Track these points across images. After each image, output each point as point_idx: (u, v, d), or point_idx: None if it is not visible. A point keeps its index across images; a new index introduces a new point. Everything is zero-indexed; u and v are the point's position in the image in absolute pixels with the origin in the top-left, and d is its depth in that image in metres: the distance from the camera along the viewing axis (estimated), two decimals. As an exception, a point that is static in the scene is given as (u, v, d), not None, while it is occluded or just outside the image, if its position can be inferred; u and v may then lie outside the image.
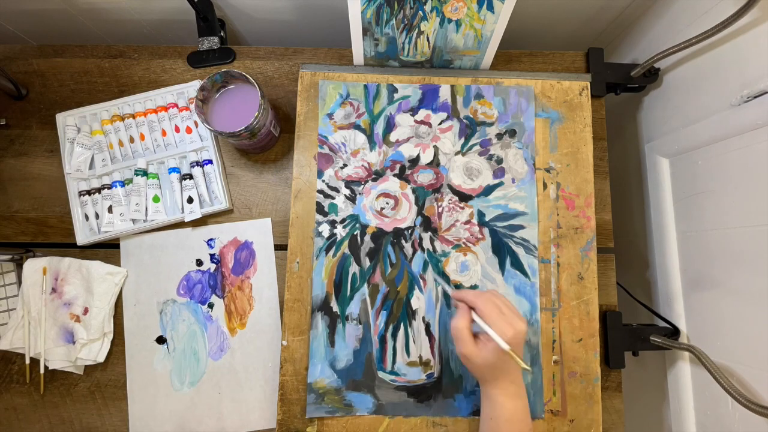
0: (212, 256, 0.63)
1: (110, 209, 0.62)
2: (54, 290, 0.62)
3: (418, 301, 0.58)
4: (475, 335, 0.48)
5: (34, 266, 0.62)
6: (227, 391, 0.60)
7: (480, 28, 0.57)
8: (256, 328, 0.62)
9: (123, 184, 0.63)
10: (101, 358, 0.60)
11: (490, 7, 0.54)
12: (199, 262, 0.63)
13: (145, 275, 0.63)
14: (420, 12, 0.55)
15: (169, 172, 0.63)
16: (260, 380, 0.61)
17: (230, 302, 0.62)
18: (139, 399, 0.61)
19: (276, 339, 0.61)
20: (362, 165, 0.60)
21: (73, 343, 0.60)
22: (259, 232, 0.63)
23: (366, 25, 0.57)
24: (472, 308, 0.48)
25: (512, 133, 0.61)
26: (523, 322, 0.46)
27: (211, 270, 0.63)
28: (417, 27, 0.57)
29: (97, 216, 0.63)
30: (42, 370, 0.60)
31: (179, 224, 0.63)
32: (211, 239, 0.63)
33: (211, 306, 0.62)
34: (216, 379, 0.61)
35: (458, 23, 0.56)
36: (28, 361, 0.61)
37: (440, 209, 0.59)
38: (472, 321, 0.48)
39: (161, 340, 0.61)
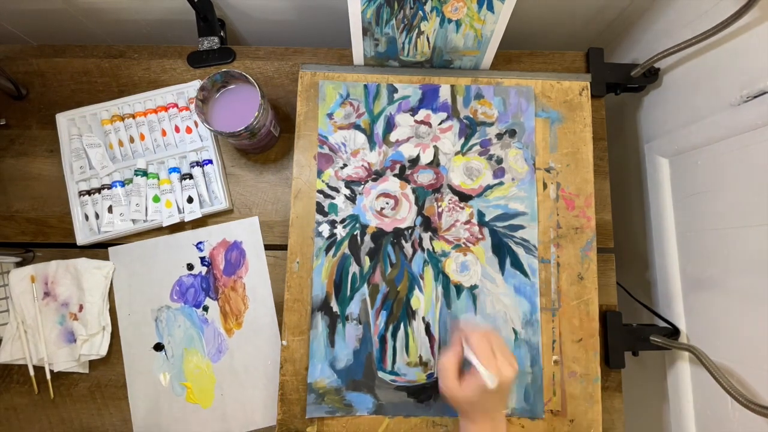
0: (202, 259, 0.63)
1: (110, 209, 0.62)
2: (47, 294, 0.62)
3: (418, 301, 0.58)
4: (461, 371, 0.46)
5: (19, 276, 0.61)
6: (229, 392, 0.60)
7: (480, 28, 0.57)
8: (253, 327, 0.62)
9: (123, 184, 0.63)
10: (103, 352, 0.60)
11: (490, 7, 0.54)
12: (190, 266, 0.63)
13: (137, 284, 0.63)
14: (420, 12, 0.55)
15: (170, 172, 0.63)
16: (262, 378, 0.61)
17: (224, 303, 0.62)
18: (143, 407, 0.60)
19: (274, 336, 0.61)
20: (362, 165, 0.60)
21: (75, 341, 0.60)
22: (247, 232, 0.63)
23: (366, 25, 0.57)
24: (465, 344, 0.47)
25: (512, 133, 0.61)
26: (513, 370, 0.44)
27: (203, 273, 0.63)
28: (417, 27, 0.57)
29: (97, 216, 0.63)
30: (48, 376, 0.60)
31: (167, 230, 0.63)
32: (200, 242, 0.63)
33: (206, 309, 0.62)
34: (217, 381, 0.61)
35: (458, 23, 0.56)
36: (32, 373, 0.60)
37: (440, 209, 0.59)
38: (463, 358, 0.47)
39: (159, 347, 0.61)
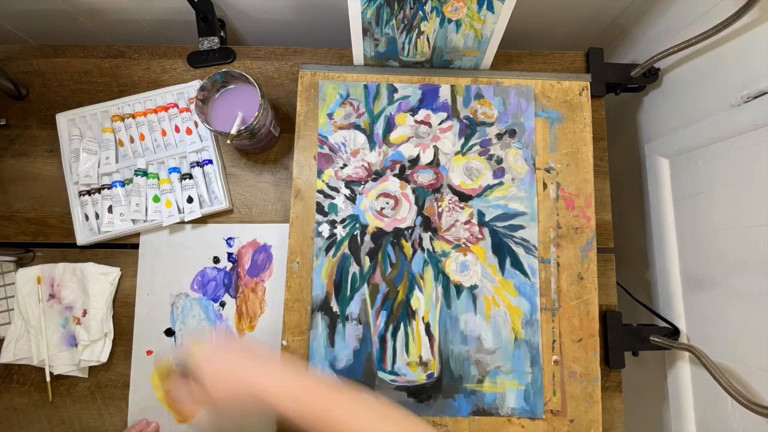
0: (230, 254, 0.63)
1: (110, 209, 0.62)
2: (52, 296, 0.62)
3: (418, 301, 0.58)
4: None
5: (26, 276, 0.61)
6: None
7: (480, 28, 0.57)
8: (265, 333, 0.61)
9: (123, 184, 0.63)
10: (104, 358, 0.60)
11: (490, 8, 0.54)
12: (216, 260, 0.62)
13: (161, 266, 0.62)
14: (420, 12, 0.55)
15: (170, 172, 0.63)
16: None
17: (242, 303, 0.62)
18: (140, 388, 0.60)
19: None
20: (362, 165, 0.60)
21: (76, 345, 0.60)
22: (278, 237, 0.63)
23: (366, 25, 0.57)
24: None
25: (512, 133, 0.61)
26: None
27: (227, 269, 0.62)
28: (417, 27, 0.57)
29: (97, 216, 0.63)
30: (48, 378, 0.60)
31: (200, 220, 0.63)
32: (230, 238, 0.63)
33: (222, 305, 0.62)
34: None
35: (458, 23, 0.56)
36: (48, 379, 0.60)
37: (440, 209, 0.59)
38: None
39: (170, 332, 0.61)
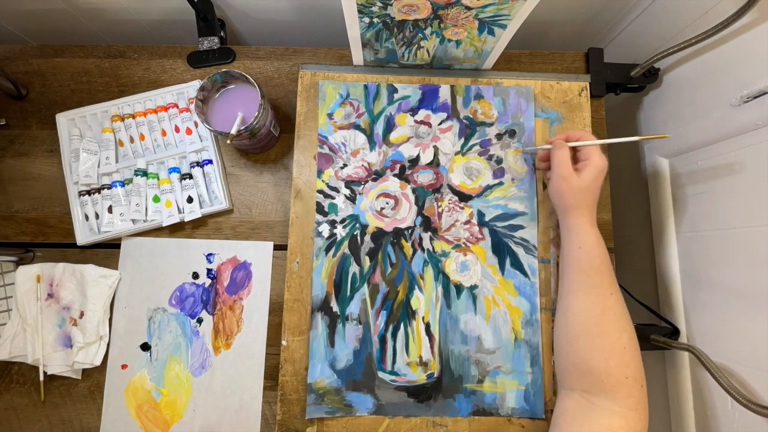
0: (209, 271, 0.62)
1: (110, 209, 0.62)
2: (51, 296, 0.62)
3: (418, 301, 0.58)
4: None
5: (26, 274, 0.61)
6: (202, 410, 0.59)
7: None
8: (241, 351, 0.61)
9: (123, 184, 0.63)
10: (98, 362, 0.60)
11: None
12: (195, 275, 0.62)
13: (140, 280, 0.62)
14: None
15: (169, 172, 0.63)
16: (235, 404, 0.59)
17: (219, 320, 0.61)
18: (114, 403, 0.60)
19: (258, 366, 0.60)
20: (362, 165, 0.60)
21: (71, 347, 0.60)
22: (259, 255, 0.63)
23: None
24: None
25: (512, 133, 0.61)
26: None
27: (206, 285, 0.62)
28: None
29: (97, 216, 0.63)
30: (42, 377, 0.60)
31: (180, 233, 0.63)
32: (210, 254, 0.63)
33: (199, 321, 0.61)
34: (193, 396, 0.60)
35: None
36: (42, 378, 0.60)
37: (440, 209, 0.59)
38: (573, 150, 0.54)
39: (145, 347, 0.61)
